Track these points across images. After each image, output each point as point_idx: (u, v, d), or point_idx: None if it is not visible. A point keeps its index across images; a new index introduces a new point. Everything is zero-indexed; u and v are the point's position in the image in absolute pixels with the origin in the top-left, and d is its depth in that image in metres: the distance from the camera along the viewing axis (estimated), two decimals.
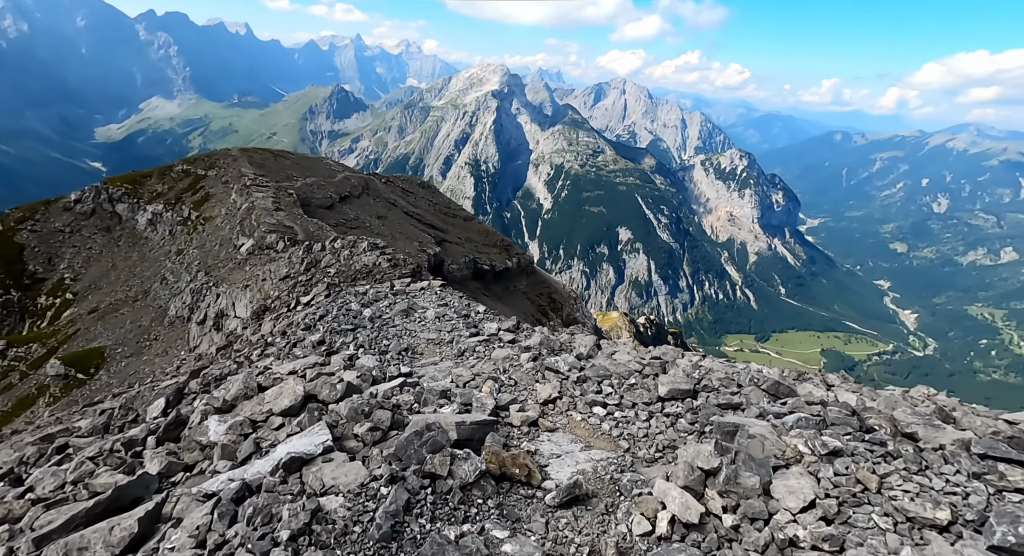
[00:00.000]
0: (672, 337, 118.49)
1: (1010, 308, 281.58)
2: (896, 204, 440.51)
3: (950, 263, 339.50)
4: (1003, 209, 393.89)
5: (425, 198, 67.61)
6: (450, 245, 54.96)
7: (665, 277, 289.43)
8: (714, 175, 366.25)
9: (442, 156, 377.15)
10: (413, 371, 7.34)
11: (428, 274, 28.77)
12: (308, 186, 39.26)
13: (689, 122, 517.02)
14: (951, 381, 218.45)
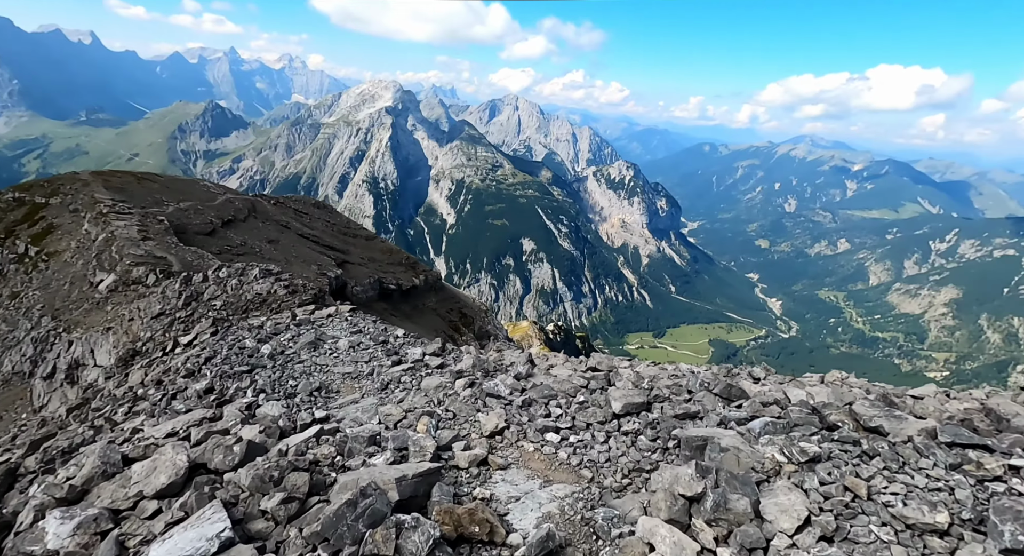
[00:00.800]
0: (579, 341, 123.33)
1: (848, 290, 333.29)
2: (757, 206, 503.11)
3: (802, 255, 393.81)
4: (836, 207, 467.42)
5: (321, 219, 63.65)
6: (352, 266, 52.05)
7: (569, 284, 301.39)
8: (605, 185, 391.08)
9: (337, 174, 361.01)
10: (331, 414, 6.23)
11: (332, 299, 26.58)
12: (183, 211, 34.85)
13: (579, 136, 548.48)
14: (811, 357, 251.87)
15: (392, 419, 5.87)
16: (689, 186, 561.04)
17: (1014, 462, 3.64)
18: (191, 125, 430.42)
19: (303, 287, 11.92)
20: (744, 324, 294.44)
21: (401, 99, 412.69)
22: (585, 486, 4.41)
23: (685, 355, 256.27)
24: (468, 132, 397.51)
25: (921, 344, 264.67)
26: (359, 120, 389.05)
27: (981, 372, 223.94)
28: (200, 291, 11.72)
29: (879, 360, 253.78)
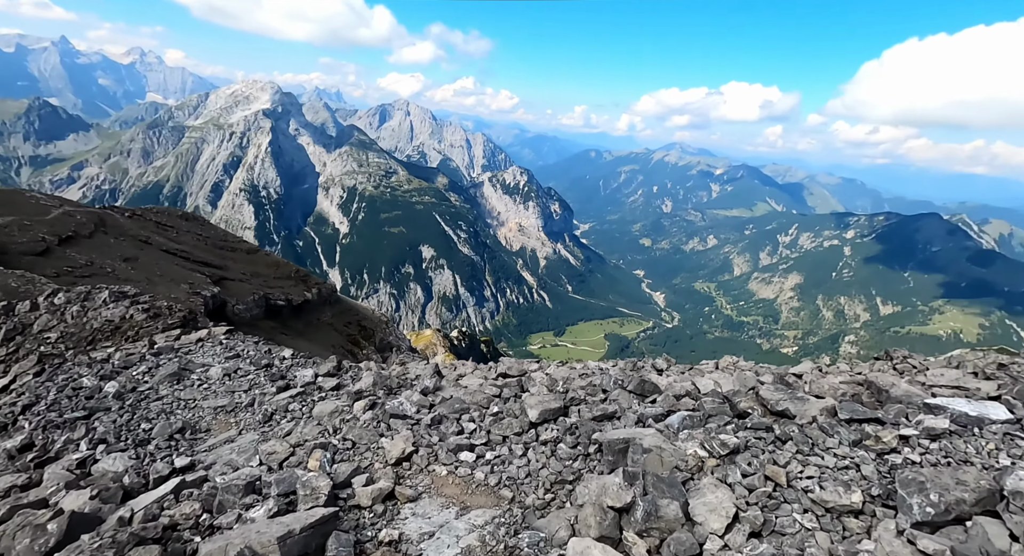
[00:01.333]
0: (484, 345, 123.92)
1: (718, 281, 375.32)
2: (639, 207, 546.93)
3: (679, 251, 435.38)
4: (704, 207, 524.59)
5: (191, 232, 56.69)
6: (233, 283, 46.95)
7: (471, 289, 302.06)
8: (501, 190, 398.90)
9: (209, 182, 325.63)
10: (197, 460, 5.14)
11: (207, 321, 23.58)
12: (1, 228, 28.77)
13: (473, 142, 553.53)
14: (692, 342, 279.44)
15: (276, 458, 4.94)
16: (579, 190, 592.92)
17: (904, 432, 3.77)
18: (10, 126, 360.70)
19: (169, 310, 10.05)
20: (634, 317, 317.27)
21: (281, 101, 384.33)
22: (506, 508, 4.00)
23: (584, 351, 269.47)
24: (358, 137, 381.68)
25: (776, 324, 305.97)
26: (233, 123, 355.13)
27: (820, 345, 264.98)
28: (27, 322, 9.19)
29: (745, 341, 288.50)
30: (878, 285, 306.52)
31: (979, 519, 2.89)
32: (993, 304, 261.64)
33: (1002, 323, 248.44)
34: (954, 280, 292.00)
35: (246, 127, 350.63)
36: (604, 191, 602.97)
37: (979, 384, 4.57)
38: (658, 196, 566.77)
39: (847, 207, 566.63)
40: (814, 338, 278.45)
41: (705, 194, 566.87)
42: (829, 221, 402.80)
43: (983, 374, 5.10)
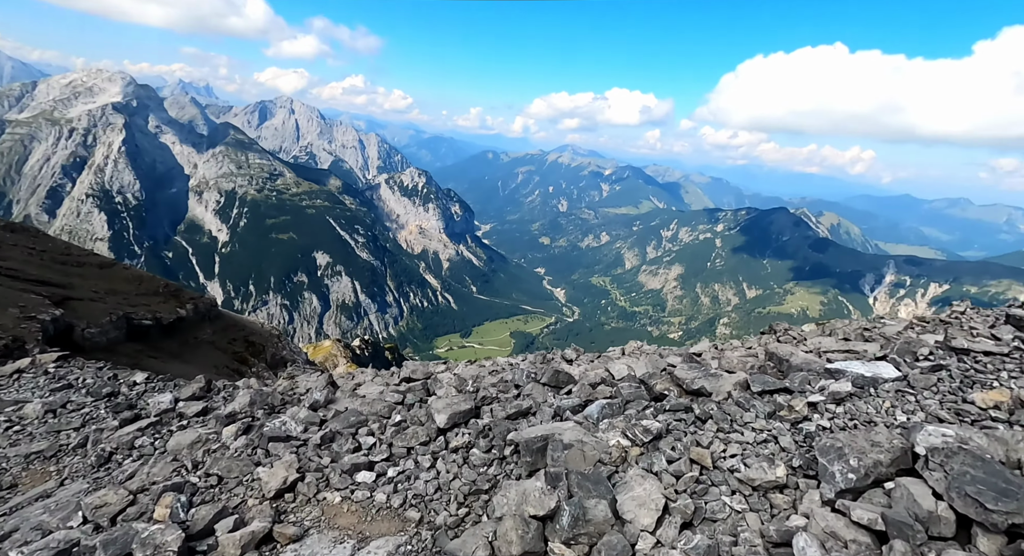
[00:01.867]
0: (389, 352, 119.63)
1: (612, 275, 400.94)
2: (537, 207, 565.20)
3: (576, 248, 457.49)
4: (596, 205, 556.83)
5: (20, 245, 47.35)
6: (81, 303, 39.95)
7: (372, 295, 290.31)
8: (399, 192, 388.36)
9: (43, 187, 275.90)
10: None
11: (43, 347, 20.01)
12: None
13: (367, 143, 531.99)
14: (591, 335, 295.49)
15: (107, 511, 3.80)
16: (478, 191, 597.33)
17: (812, 399, 3.81)
18: None
19: None
20: (537, 314, 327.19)
21: (136, 94, 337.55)
22: (413, 532, 3.48)
23: (491, 350, 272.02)
24: (235, 136, 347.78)
25: (663, 312, 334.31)
26: (72, 118, 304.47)
27: (700, 328, 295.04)
28: None
29: (637, 330, 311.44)
30: (744, 272, 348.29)
31: (900, 480, 2.84)
32: (829, 284, 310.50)
33: (836, 300, 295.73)
34: (800, 265, 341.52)
35: (91, 123, 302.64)
36: (503, 192, 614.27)
37: (864, 347, 4.95)
38: (554, 196, 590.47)
39: (716, 203, 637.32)
40: (695, 322, 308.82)
41: (596, 193, 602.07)
42: (703, 216, 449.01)
43: (859, 338, 5.59)
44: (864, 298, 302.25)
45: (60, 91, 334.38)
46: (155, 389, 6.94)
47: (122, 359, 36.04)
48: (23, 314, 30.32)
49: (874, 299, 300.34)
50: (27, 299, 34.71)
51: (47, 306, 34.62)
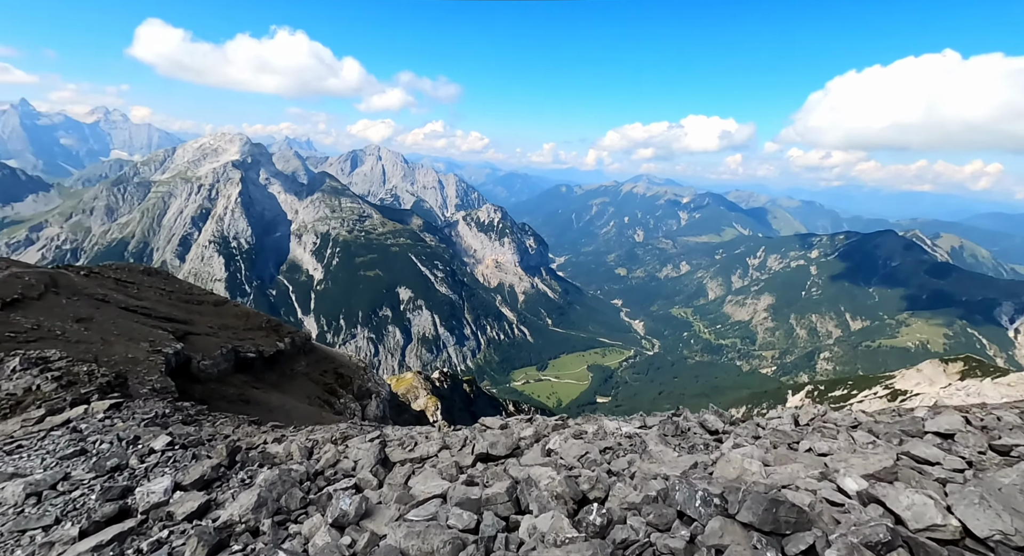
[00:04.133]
0: (467, 385, 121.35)
1: (694, 306, 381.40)
2: (612, 238, 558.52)
3: (654, 279, 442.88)
4: (674, 235, 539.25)
5: (154, 287, 54.67)
6: (199, 337, 45.02)
7: (451, 328, 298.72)
8: (476, 228, 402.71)
9: (176, 236, 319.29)
10: None
11: (145, 395, 21.91)
12: None
13: (446, 183, 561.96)
14: (674, 368, 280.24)
15: None
16: (553, 225, 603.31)
17: None
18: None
19: (89, 376, 8.86)
20: (615, 347, 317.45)
21: (250, 152, 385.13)
22: None
23: (568, 384, 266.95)
24: (330, 184, 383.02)
25: (753, 345, 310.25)
26: (201, 176, 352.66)
27: (798, 363, 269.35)
28: None
29: (725, 364, 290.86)
30: (846, 301, 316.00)
31: None
32: (954, 314, 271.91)
33: (964, 332, 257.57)
34: (915, 293, 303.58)
35: (215, 179, 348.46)
36: (577, 224, 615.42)
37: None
38: (630, 226, 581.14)
39: (809, 228, 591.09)
40: (791, 356, 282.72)
41: (674, 222, 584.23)
42: (794, 242, 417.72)
43: None
44: (1001, 330, 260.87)
45: (192, 154, 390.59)
46: (168, 462, 5.82)
47: (230, 390, 39.78)
48: (152, 347, 34.70)
49: (1016, 331, 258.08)
50: (156, 334, 39.74)
51: (171, 340, 39.38)
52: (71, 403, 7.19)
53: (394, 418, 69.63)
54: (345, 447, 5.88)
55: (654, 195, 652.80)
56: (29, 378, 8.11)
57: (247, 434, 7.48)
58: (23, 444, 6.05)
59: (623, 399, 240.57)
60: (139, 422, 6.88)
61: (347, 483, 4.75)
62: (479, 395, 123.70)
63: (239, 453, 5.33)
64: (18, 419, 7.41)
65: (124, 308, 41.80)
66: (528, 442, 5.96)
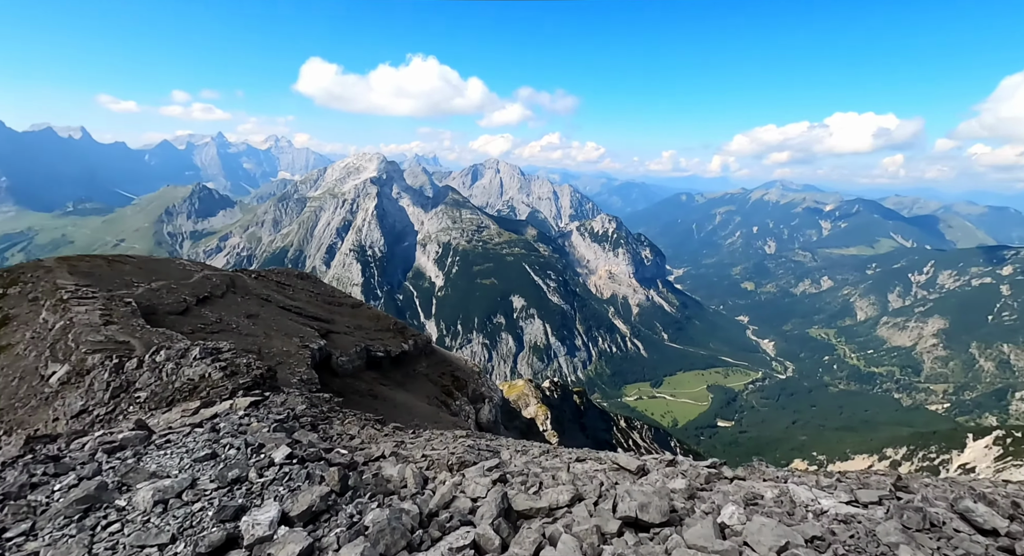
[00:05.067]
0: (577, 396, 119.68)
1: (838, 327, 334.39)
2: (738, 250, 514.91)
3: (788, 295, 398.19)
4: (814, 246, 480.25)
5: (305, 289, 62.43)
6: (338, 336, 50.26)
7: (562, 338, 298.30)
8: (590, 239, 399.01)
9: (324, 245, 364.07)
10: None
11: (294, 384, 24.22)
12: (154, 292, 33.49)
13: (560, 194, 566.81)
14: (811, 396, 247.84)
15: None
16: (671, 235, 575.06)
17: None
18: (178, 208, 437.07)
19: (247, 367, 10.08)
20: (740, 367, 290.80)
21: (385, 169, 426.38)
22: None
23: (686, 404, 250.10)
24: (452, 196, 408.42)
25: (917, 377, 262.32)
26: (345, 192, 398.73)
27: (982, 401, 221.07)
28: (132, 380, 10.06)
29: (878, 396, 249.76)
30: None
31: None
32: None
33: None
34: None
35: (356, 194, 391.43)
36: (698, 235, 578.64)
37: None
38: (759, 237, 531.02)
39: (999, 239, 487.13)
40: (971, 393, 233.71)
41: (814, 232, 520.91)
42: (976, 256, 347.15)
43: None
44: None
45: (339, 172, 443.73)
46: (285, 478, 5.40)
47: (361, 385, 43.61)
48: (301, 343, 39.41)
49: None
50: (305, 331, 45.14)
51: (316, 337, 44.40)
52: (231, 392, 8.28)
53: (505, 423, 70.95)
54: (462, 477, 5.34)
55: (789, 202, 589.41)
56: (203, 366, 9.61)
57: (370, 437, 7.73)
58: (171, 439, 6.07)
59: (749, 425, 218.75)
60: (270, 424, 6.72)
61: (464, 539, 4.19)
62: (589, 408, 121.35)
63: (352, 476, 5.07)
64: (180, 409, 7.70)
65: (282, 307, 48.28)
66: (682, 500, 4.92)
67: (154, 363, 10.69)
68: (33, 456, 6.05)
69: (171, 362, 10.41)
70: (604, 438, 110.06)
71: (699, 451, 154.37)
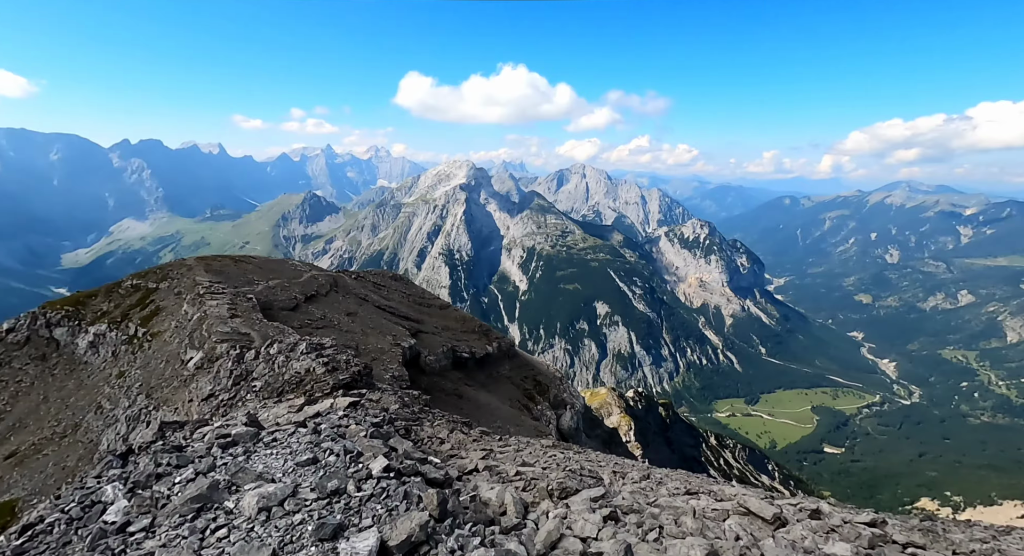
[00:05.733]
0: (663, 408, 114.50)
1: (980, 349, 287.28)
2: (852, 258, 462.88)
3: (914, 310, 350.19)
4: (949, 255, 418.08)
5: (398, 290, 66.16)
6: (427, 335, 52.60)
7: (647, 347, 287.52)
8: (679, 245, 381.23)
9: (416, 249, 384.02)
10: None
11: (387, 381, 25.25)
12: (271, 289, 37.31)
13: (648, 198, 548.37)
14: (944, 427, 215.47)
15: None
16: (771, 241, 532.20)
17: None
18: (292, 214, 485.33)
19: (346, 364, 10.68)
20: (852, 389, 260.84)
21: (474, 176, 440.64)
22: None
23: (786, 424, 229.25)
24: (537, 202, 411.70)
25: None
26: (436, 198, 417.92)
27: None
28: (250, 370, 11.29)
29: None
30: None
31: None
32: None
33: None
34: None
35: (446, 200, 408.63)
36: (803, 241, 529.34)
37: None
38: (878, 244, 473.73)
39: None
40: None
41: (950, 240, 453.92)
42: None
43: None
44: None
45: (431, 179, 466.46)
46: (383, 495, 5.18)
47: (447, 384, 45.13)
48: (394, 341, 41.69)
49: None
50: (397, 330, 47.68)
51: (407, 336, 46.69)
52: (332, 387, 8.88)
53: (587, 431, 69.80)
54: (566, 509, 5.05)
55: (918, 206, 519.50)
56: (308, 361, 10.44)
57: (459, 443, 7.76)
58: (277, 438, 6.07)
59: (863, 453, 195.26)
60: (367, 428, 6.54)
61: None
62: (676, 421, 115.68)
63: (450, 500, 4.82)
64: (286, 404, 8.03)
65: (378, 306, 51.48)
66: None
67: (268, 355, 11.82)
68: (163, 442, 6.43)
69: (282, 355, 11.45)
70: (692, 454, 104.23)
71: (802, 478, 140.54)
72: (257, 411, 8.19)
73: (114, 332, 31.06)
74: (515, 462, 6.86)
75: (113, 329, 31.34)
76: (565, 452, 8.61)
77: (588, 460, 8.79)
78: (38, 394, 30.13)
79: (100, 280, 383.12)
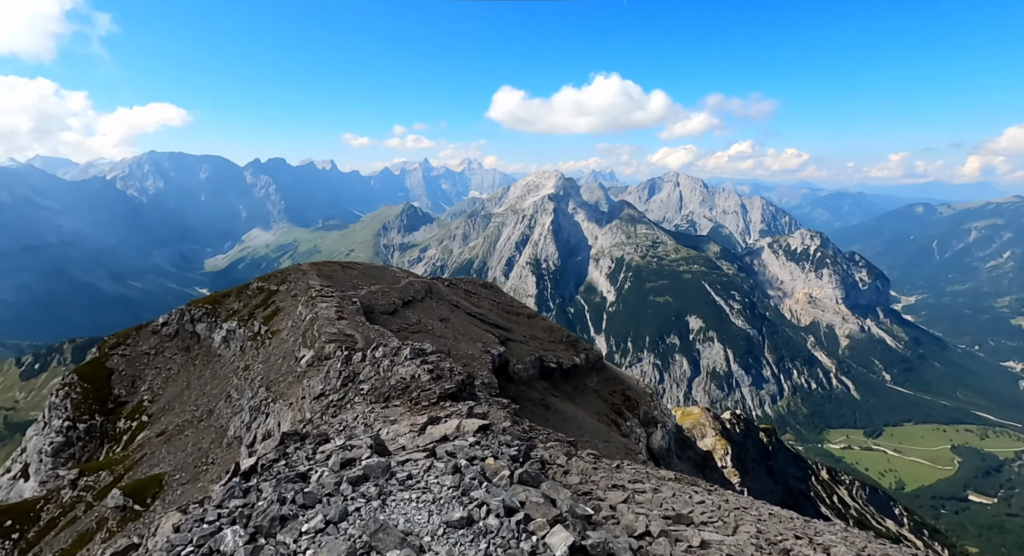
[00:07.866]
0: (764, 434, 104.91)
1: None
2: (1007, 275, 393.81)
3: None
4: None
5: (488, 298, 67.51)
6: (515, 344, 52.91)
7: (746, 366, 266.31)
8: (784, 257, 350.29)
9: (504, 258, 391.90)
10: None
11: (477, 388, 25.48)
12: (372, 293, 39.75)
13: (750, 207, 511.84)
14: None
15: None
16: (898, 254, 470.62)
17: None
18: (391, 224, 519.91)
19: (449, 372, 10.70)
20: (1007, 428, 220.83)
21: (563, 186, 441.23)
22: None
23: (917, 464, 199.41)
24: (627, 212, 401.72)
25: None
26: (524, 208, 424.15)
27: None
28: (357, 371, 11.88)
29: None
30: None
31: None
32: None
33: None
34: None
35: (534, 210, 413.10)
36: (940, 254, 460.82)
37: None
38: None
39: None
40: None
41: None
42: None
43: None
44: None
45: (520, 190, 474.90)
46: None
47: (534, 394, 44.90)
48: (484, 348, 42.38)
49: None
50: (486, 337, 48.46)
51: (496, 344, 47.23)
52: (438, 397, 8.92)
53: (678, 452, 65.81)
54: None
55: None
56: (413, 367, 10.73)
57: (582, 472, 6.84)
58: (412, 474, 5.10)
59: (1021, 507, 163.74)
60: (507, 463, 5.51)
61: None
62: (779, 449, 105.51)
63: None
64: (407, 422, 7.48)
65: (468, 313, 52.84)
66: None
67: (374, 358, 12.39)
68: (286, 462, 5.97)
69: (386, 359, 11.92)
70: (798, 488, 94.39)
71: (939, 528, 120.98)
72: (371, 421, 8.35)
73: (242, 329, 34.95)
74: (661, 507, 6.01)
75: (241, 326, 35.29)
76: (709, 496, 7.54)
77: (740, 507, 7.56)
78: (183, 381, 34.73)
79: (233, 282, 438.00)
